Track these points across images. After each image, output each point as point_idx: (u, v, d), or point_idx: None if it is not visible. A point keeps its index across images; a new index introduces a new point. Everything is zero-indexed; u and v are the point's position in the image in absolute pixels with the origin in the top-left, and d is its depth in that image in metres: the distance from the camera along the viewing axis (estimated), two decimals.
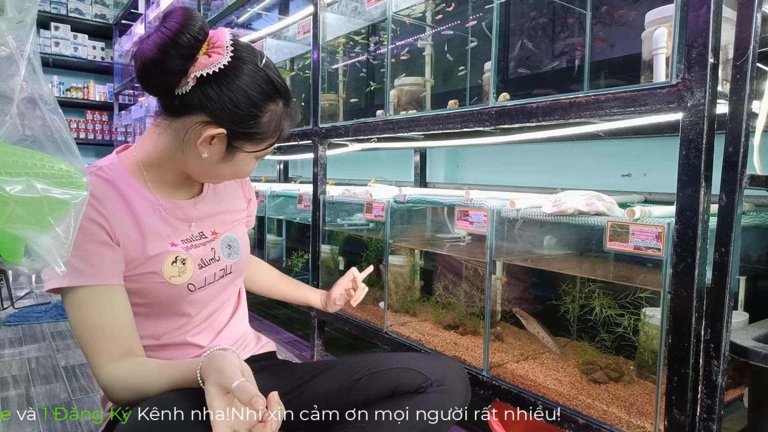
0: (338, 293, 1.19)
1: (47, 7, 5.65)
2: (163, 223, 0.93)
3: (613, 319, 1.20)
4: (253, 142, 0.88)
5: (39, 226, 0.50)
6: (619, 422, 1.04)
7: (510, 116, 1.24)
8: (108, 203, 0.87)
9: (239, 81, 0.83)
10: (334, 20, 2.03)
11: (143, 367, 0.83)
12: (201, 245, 0.98)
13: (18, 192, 0.49)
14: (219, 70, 0.82)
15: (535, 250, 1.38)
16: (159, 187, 0.94)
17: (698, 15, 0.87)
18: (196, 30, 0.80)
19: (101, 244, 0.85)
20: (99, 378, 0.84)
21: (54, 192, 0.51)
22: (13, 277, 3.61)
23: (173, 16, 0.81)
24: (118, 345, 0.84)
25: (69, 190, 0.52)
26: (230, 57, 0.82)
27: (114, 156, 0.95)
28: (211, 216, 1.02)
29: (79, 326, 0.84)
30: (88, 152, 6.51)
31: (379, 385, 0.97)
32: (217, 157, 0.88)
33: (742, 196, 0.86)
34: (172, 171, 0.94)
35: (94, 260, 0.84)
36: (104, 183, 0.89)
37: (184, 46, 0.80)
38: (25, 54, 0.54)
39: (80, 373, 1.99)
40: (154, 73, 0.81)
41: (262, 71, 0.85)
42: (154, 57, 0.80)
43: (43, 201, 0.50)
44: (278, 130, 0.90)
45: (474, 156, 2.24)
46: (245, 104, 0.83)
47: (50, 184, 0.51)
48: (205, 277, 0.97)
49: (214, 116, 0.83)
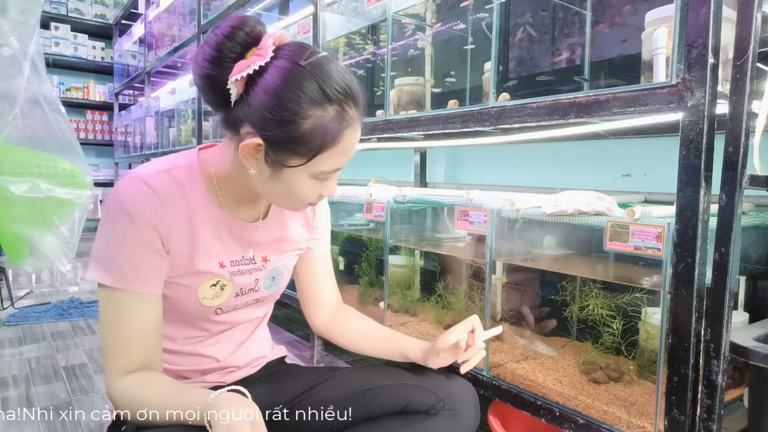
0: (446, 344, 0.93)
1: (47, 7, 5.66)
2: (218, 240, 0.89)
3: (609, 320, 1.20)
4: (296, 156, 0.76)
5: (44, 225, 0.51)
6: (619, 422, 1.04)
7: (510, 116, 1.25)
8: (170, 207, 0.82)
9: (271, 81, 0.73)
10: (334, 20, 2.03)
11: (152, 390, 0.80)
12: (247, 272, 0.93)
13: (23, 192, 0.49)
14: (254, 72, 0.73)
15: (535, 251, 1.38)
16: (228, 202, 0.89)
17: (698, 15, 0.87)
18: (239, 40, 0.75)
19: (151, 250, 0.81)
20: (108, 387, 0.82)
21: (58, 192, 0.52)
22: (13, 277, 3.61)
23: (220, 24, 0.76)
24: (136, 358, 0.82)
25: (73, 189, 0.53)
26: (270, 58, 0.74)
27: (194, 156, 0.89)
28: (268, 242, 0.96)
29: (105, 325, 0.82)
30: (88, 152, 6.49)
31: (390, 399, 0.94)
32: (264, 174, 0.79)
33: (742, 196, 0.86)
34: (240, 187, 0.87)
35: (140, 265, 0.81)
36: (174, 185, 0.84)
37: (227, 52, 0.74)
38: (29, 55, 0.54)
39: (80, 373, 1.99)
40: (205, 86, 0.77)
41: (300, 70, 0.73)
42: (200, 71, 0.76)
43: (48, 201, 0.51)
44: (331, 141, 0.75)
45: (474, 156, 2.24)
46: (277, 108, 0.72)
47: (54, 184, 0.51)
48: (236, 305, 0.95)
49: (253, 125, 0.75)
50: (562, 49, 1.50)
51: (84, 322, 2.70)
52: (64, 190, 0.53)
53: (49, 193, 0.50)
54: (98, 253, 0.83)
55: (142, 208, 0.80)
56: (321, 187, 0.83)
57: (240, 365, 1.02)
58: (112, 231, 0.81)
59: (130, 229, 0.80)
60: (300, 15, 2.21)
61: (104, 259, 0.82)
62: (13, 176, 0.48)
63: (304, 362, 2.13)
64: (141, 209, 0.80)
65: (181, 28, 3.71)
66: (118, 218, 0.80)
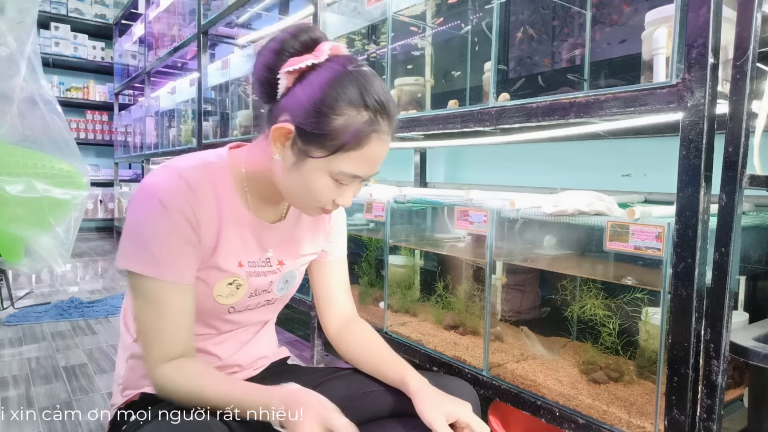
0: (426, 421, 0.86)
1: (47, 7, 5.66)
2: (240, 239, 0.91)
3: (609, 320, 1.20)
4: (321, 148, 0.79)
5: (40, 226, 0.51)
6: (619, 422, 1.04)
7: (510, 116, 1.24)
8: (203, 202, 0.85)
9: (319, 77, 0.78)
10: (334, 20, 2.03)
11: (206, 379, 0.83)
12: (262, 274, 0.95)
13: (19, 192, 0.49)
14: (306, 67, 0.79)
15: (535, 250, 1.38)
16: (254, 202, 0.92)
17: (698, 15, 0.87)
18: (301, 39, 0.81)
19: (186, 242, 0.83)
20: (153, 375, 0.83)
21: (54, 192, 0.51)
22: (13, 277, 3.61)
23: (289, 26, 0.83)
24: (177, 346, 0.84)
25: (69, 190, 0.52)
26: (324, 60, 0.80)
27: (225, 153, 0.91)
28: (285, 244, 0.99)
29: (142, 315, 0.83)
30: (87, 152, 6.50)
31: (391, 401, 0.96)
32: (287, 161, 0.83)
33: (742, 196, 0.86)
34: (266, 186, 0.90)
35: (176, 255, 0.83)
36: (208, 181, 0.86)
37: (288, 48, 0.80)
38: (26, 54, 0.54)
39: (80, 373, 1.99)
40: (262, 77, 0.82)
41: (347, 74, 0.78)
42: (263, 60, 0.81)
43: (44, 201, 0.51)
44: (356, 142, 0.79)
45: (474, 156, 2.24)
46: (318, 101, 0.77)
47: (51, 184, 0.51)
48: (248, 305, 0.96)
49: (290, 113, 0.80)
50: (563, 49, 1.50)
51: (84, 322, 2.70)
52: (61, 190, 0.53)
53: (46, 193, 0.50)
54: (132, 243, 0.83)
55: (177, 199, 0.82)
56: (337, 192, 0.85)
57: (243, 365, 1.03)
58: (148, 222, 0.82)
59: (166, 219, 0.81)
60: (300, 15, 2.21)
61: (140, 250, 0.82)
62: (10, 176, 0.48)
63: (304, 362, 2.13)
64: (177, 201, 0.82)
65: (181, 28, 3.71)
66: (154, 209, 0.81)
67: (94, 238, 5.96)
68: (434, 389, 0.90)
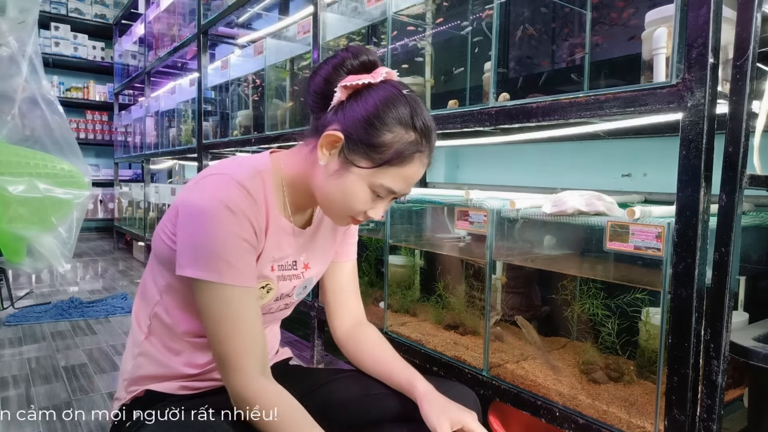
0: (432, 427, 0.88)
1: (47, 7, 5.66)
2: (277, 244, 0.93)
3: (605, 319, 1.20)
4: (366, 159, 0.83)
5: (42, 225, 0.51)
6: (619, 422, 1.04)
7: (510, 116, 1.25)
8: (260, 210, 0.87)
9: (375, 95, 0.83)
10: (334, 20, 2.03)
11: (294, 414, 0.82)
12: (288, 278, 0.97)
13: (20, 192, 0.49)
14: (362, 85, 0.84)
15: (535, 250, 1.38)
16: (291, 208, 0.95)
17: (698, 15, 0.87)
18: (361, 59, 0.86)
19: (253, 248, 0.86)
20: (247, 385, 0.82)
21: (56, 192, 0.51)
22: (13, 277, 3.62)
23: (350, 46, 0.88)
24: (262, 351, 0.84)
25: (71, 189, 0.53)
26: (379, 81, 0.85)
27: (268, 160, 0.94)
28: (311, 249, 1.01)
29: (221, 324, 0.82)
30: (88, 152, 6.50)
31: (392, 403, 0.97)
32: (331, 168, 0.86)
33: (742, 196, 0.86)
34: (302, 192, 0.93)
35: (248, 261, 0.85)
36: (261, 188, 0.88)
37: (348, 65, 0.85)
38: (27, 54, 0.54)
39: (80, 373, 1.99)
40: (319, 89, 0.86)
41: (402, 96, 0.84)
42: (324, 73, 0.86)
43: (46, 201, 0.51)
44: (400, 159, 0.83)
45: (474, 156, 2.24)
46: (371, 115, 0.82)
47: (52, 183, 0.51)
48: (271, 308, 0.98)
49: (341, 123, 0.84)
50: (564, 49, 1.50)
51: (84, 322, 2.70)
52: (63, 190, 0.53)
53: (48, 193, 0.50)
54: (201, 252, 0.82)
55: (244, 206, 0.84)
56: (371, 204, 0.88)
57: None
58: (217, 229, 0.82)
59: (235, 225, 0.83)
60: (300, 15, 2.21)
61: (212, 258, 0.82)
62: (11, 176, 0.48)
63: (304, 362, 2.13)
64: (243, 207, 0.84)
65: (181, 28, 3.71)
66: (222, 216, 0.82)
67: (94, 238, 5.96)
68: (441, 395, 0.92)
